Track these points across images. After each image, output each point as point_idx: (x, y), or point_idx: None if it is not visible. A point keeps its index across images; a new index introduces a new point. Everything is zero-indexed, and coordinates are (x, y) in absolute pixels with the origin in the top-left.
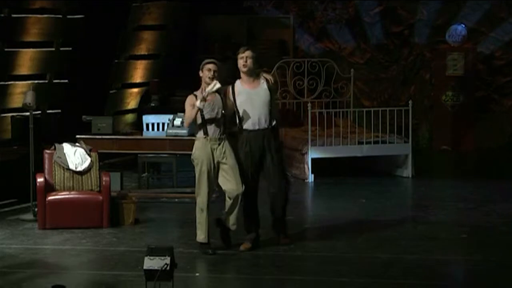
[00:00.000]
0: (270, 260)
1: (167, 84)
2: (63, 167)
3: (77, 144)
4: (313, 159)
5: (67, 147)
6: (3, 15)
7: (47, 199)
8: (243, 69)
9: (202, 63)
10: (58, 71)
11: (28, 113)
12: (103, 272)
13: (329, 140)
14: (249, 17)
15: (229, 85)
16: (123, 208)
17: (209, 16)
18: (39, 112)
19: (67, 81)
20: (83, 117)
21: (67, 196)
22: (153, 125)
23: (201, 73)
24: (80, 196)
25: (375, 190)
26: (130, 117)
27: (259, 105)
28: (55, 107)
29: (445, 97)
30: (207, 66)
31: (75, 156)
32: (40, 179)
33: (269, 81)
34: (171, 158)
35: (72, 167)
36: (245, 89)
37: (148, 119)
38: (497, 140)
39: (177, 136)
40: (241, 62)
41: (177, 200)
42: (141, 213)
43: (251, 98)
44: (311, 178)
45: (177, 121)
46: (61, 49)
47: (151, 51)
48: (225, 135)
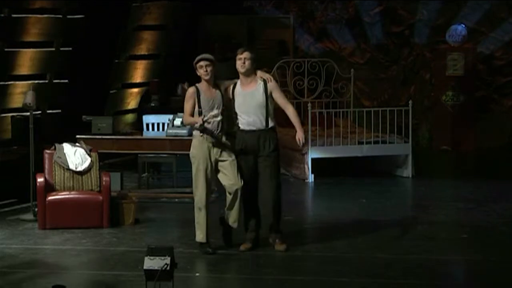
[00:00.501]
0: (270, 260)
1: (167, 84)
2: (63, 167)
3: (77, 144)
4: (313, 159)
5: (67, 147)
6: (3, 15)
7: (47, 199)
8: (241, 70)
9: (194, 63)
10: (58, 71)
11: (28, 113)
12: (103, 272)
13: (329, 140)
14: (249, 17)
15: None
16: (123, 208)
17: (209, 16)
18: (39, 112)
19: (67, 81)
20: (83, 117)
21: (67, 196)
22: (153, 125)
23: (197, 72)
24: (80, 196)
25: (375, 190)
26: (130, 117)
27: (254, 107)
28: (55, 107)
29: (445, 97)
30: (199, 64)
31: (75, 156)
32: (40, 179)
33: (267, 80)
34: (171, 158)
35: (72, 167)
36: (241, 92)
37: (148, 119)
38: (497, 140)
39: (177, 136)
40: (239, 63)
41: (177, 200)
42: (141, 213)
43: (246, 100)
44: (311, 178)
45: (177, 121)
46: (61, 49)
47: (151, 51)
48: (222, 133)
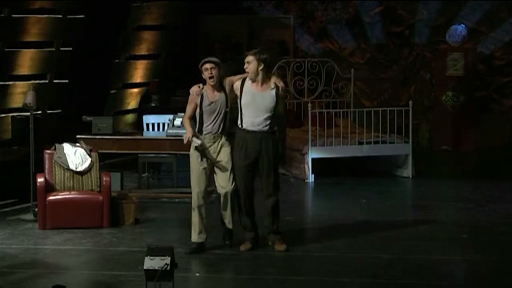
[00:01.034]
0: (270, 260)
1: (167, 84)
2: (64, 167)
3: (78, 144)
4: (313, 159)
5: (67, 147)
6: (3, 15)
7: (47, 199)
8: (246, 74)
9: (199, 65)
10: (58, 71)
11: (28, 113)
12: (103, 272)
13: (329, 140)
14: (249, 17)
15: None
16: (123, 208)
17: (209, 16)
18: (39, 112)
19: (67, 81)
20: (83, 117)
21: (67, 196)
22: (153, 125)
23: (202, 75)
24: (80, 196)
25: (375, 190)
26: (130, 117)
27: (262, 109)
28: (55, 107)
29: (445, 97)
30: (204, 66)
31: (76, 156)
32: (40, 179)
33: (279, 88)
34: (171, 158)
35: (72, 167)
36: (252, 90)
37: (148, 119)
38: (497, 140)
39: (177, 136)
40: (245, 66)
41: (177, 200)
42: (141, 213)
43: (256, 100)
44: (311, 178)
45: (178, 121)
46: (61, 49)
47: (151, 51)
48: (222, 134)
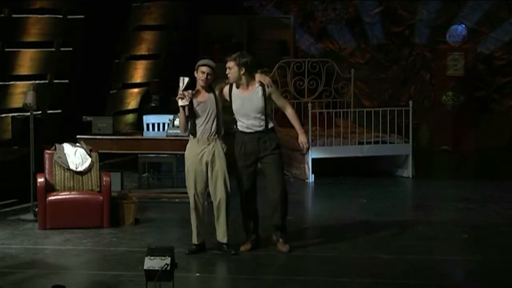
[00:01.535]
0: (270, 260)
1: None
2: (64, 167)
3: (78, 144)
4: (313, 159)
5: (67, 147)
6: (3, 15)
7: (47, 199)
8: (230, 80)
9: (196, 64)
10: (58, 71)
11: (28, 113)
12: (103, 272)
13: (329, 140)
14: (250, 17)
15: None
16: (123, 208)
17: (209, 16)
18: (40, 112)
19: (67, 81)
20: (83, 117)
21: (67, 196)
22: (153, 125)
23: (195, 73)
24: (80, 196)
25: (375, 190)
26: (130, 117)
27: (252, 110)
28: (55, 107)
29: (445, 97)
30: (201, 68)
31: (76, 156)
32: (40, 179)
33: (266, 86)
34: (171, 158)
35: (72, 167)
36: (239, 95)
37: (148, 119)
38: (497, 140)
39: (177, 136)
40: (227, 71)
41: (177, 200)
42: (141, 213)
43: (244, 104)
44: (311, 178)
45: (177, 121)
46: (61, 49)
47: (151, 51)
48: (216, 136)
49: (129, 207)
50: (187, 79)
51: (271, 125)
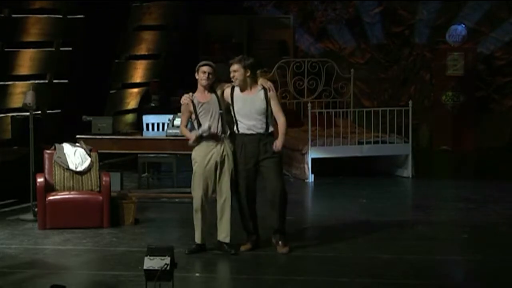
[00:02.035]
0: (270, 260)
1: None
2: (63, 167)
3: (77, 144)
4: (313, 159)
5: (67, 147)
6: (3, 15)
7: (47, 199)
8: (234, 83)
9: (197, 65)
10: (58, 71)
11: (28, 113)
12: (103, 272)
13: (329, 140)
14: (249, 17)
15: (227, 84)
16: (123, 208)
17: (209, 16)
18: (39, 112)
19: (67, 81)
20: (83, 117)
21: (67, 196)
22: (153, 125)
23: (196, 75)
24: (80, 196)
25: (375, 190)
26: (130, 117)
27: (254, 112)
28: (55, 107)
29: (445, 97)
30: (202, 68)
31: (75, 156)
32: (40, 179)
33: (268, 89)
34: (171, 158)
35: (72, 167)
36: (242, 96)
37: (148, 119)
38: (497, 140)
39: (177, 136)
40: (231, 75)
41: (177, 200)
42: (141, 213)
43: (246, 105)
44: (311, 178)
45: (177, 121)
46: (61, 49)
47: (151, 51)
48: (223, 135)
49: (129, 207)
50: (208, 131)
51: (271, 129)
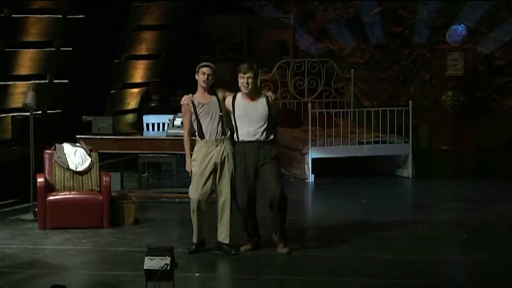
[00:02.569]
0: (270, 260)
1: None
2: (64, 167)
3: (77, 144)
4: (313, 159)
5: (67, 147)
6: (3, 15)
7: (47, 199)
8: (244, 90)
9: (197, 66)
10: (58, 71)
11: (28, 113)
12: (103, 272)
13: (329, 140)
14: (249, 17)
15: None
16: (123, 208)
17: (209, 16)
18: (39, 112)
19: (67, 81)
20: (83, 117)
21: (67, 196)
22: (153, 125)
23: (196, 76)
24: (80, 196)
25: (375, 190)
26: (130, 117)
27: (255, 118)
28: (55, 107)
29: (445, 97)
30: (202, 69)
31: (76, 156)
32: (40, 179)
33: (270, 98)
34: (171, 158)
35: (72, 167)
36: (244, 103)
37: (148, 119)
38: (497, 140)
39: (177, 136)
40: (241, 81)
41: (177, 200)
42: (141, 213)
43: (248, 111)
44: (311, 178)
45: (177, 121)
46: (61, 49)
47: (151, 51)
48: (224, 137)
49: (129, 207)
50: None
51: (271, 136)
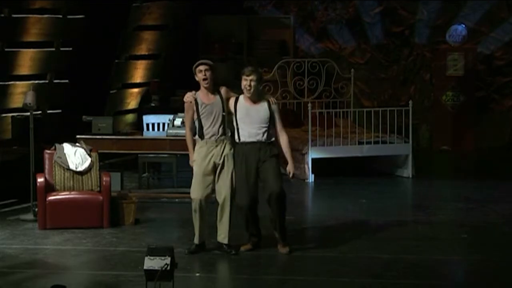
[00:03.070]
0: (270, 260)
1: (167, 84)
2: (64, 167)
3: (78, 144)
4: (313, 159)
5: (67, 147)
6: (3, 15)
7: (47, 199)
8: (246, 93)
9: (193, 68)
10: (58, 71)
11: (28, 113)
12: (103, 272)
13: (329, 140)
14: (249, 17)
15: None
16: (123, 208)
17: (209, 16)
18: (40, 112)
19: (67, 81)
20: (83, 117)
21: (67, 196)
22: (153, 125)
23: (196, 77)
24: (80, 196)
25: (375, 190)
26: (130, 117)
27: (257, 120)
28: (55, 107)
29: (445, 97)
30: (198, 68)
31: (76, 156)
32: (40, 179)
33: (271, 102)
34: (171, 158)
35: (72, 167)
36: (245, 105)
37: (148, 119)
38: (497, 140)
39: (177, 136)
40: (244, 84)
41: (177, 200)
42: (141, 213)
43: (250, 114)
44: (311, 178)
45: (178, 121)
46: (61, 49)
47: (151, 51)
48: (224, 137)
49: (129, 207)
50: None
51: (272, 139)
